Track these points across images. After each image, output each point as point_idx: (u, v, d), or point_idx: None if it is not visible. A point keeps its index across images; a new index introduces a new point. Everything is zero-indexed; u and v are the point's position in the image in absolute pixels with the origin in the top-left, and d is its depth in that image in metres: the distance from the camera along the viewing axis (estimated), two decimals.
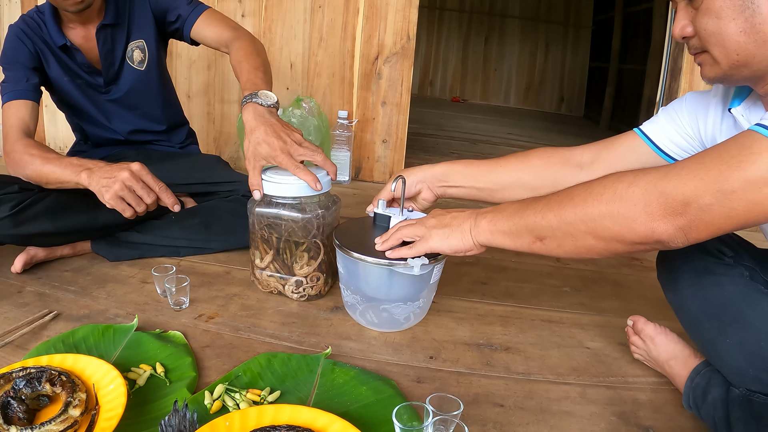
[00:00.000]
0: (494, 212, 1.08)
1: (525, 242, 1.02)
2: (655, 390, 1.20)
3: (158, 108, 1.94)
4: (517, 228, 1.02)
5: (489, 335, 1.37)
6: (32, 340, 1.20)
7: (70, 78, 1.73)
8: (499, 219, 1.06)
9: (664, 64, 2.77)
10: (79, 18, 1.67)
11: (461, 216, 1.14)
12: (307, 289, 1.46)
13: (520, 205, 1.03)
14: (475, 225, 1.10)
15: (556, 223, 0.94)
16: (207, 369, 1.14)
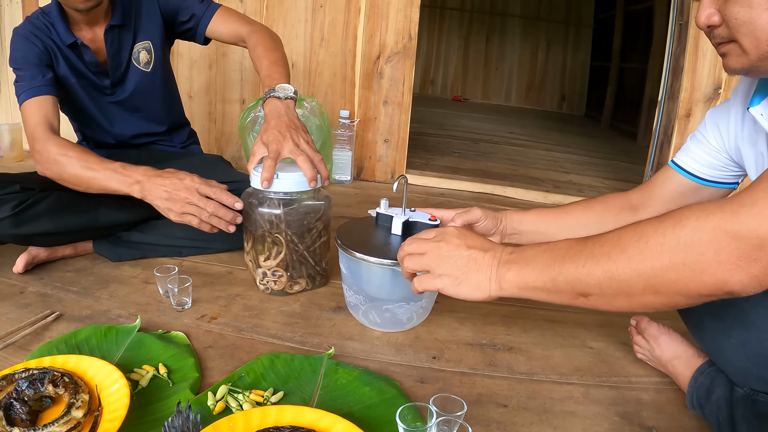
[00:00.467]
0: (522, 262, 0.92)
1: (563, 299, 0.88)
2: (658, 390, 1.19)
3: (161, 109, 1.93)
4: (554, 284, 0.87)
5: (492, 335, 1.37)
6: (34, 341, 1.20)
7: (77, 78, 1.72)
8: (529, 272, 0.91)
9: (666, 62, 2.76)
10: (86, 18, 1.66)
11: (481, 259, 0.97)
12: (269, 283, 1.49)
13: (553, 252, 0.88)
14: (498, 275, 0.94)
15: (605, 279, 0.81)
16: (210, 370, 1.14)
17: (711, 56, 2.54)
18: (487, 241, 1.00)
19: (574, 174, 3.50)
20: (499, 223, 1.33)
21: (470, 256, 0.98)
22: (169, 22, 1.83)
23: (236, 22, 1.83)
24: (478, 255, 0.97)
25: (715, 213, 0.73)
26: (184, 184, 1.44)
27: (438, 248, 1.01)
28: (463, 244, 0.99)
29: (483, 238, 1.01)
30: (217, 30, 1.83)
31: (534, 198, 2.82)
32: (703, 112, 2.56)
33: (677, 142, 2.63)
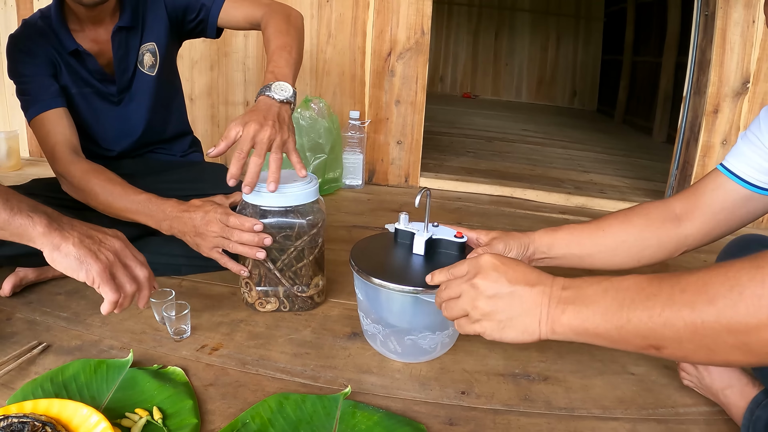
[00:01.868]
0: (580, 302, 0.78)
1: (629, 347, 0.74)
2: (708, 421, 1.07)
3: (164, 117, 1.82)
4: (621, 333, 0.72)
5: (525, 363, 1.23)
6: (19, 377, 1.09)
7: (79, 87, 1.61)
8: (589, 315, 0.76)
9: (691, 56, 2.62)
10: (91, 18, 1.54)
11: (528, 297, 0.83)
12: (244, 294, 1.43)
13: (619, 293, 0.74)
14: (551, 317, 0.81)
15: (686, 332, 0.66)
16: (210, 413, 1.01)
17: (739, 49, 2.41)
18: (532, 272, 0.86)
19: (594, 173, 3.37)
20: (525, 250, 1.20)
21: (514, 293, 0.84)
22: (177, 21, 1.70)
23: (250, 4, 1.66)
24: (523, 292, 0.83)
25: None
26: (208, 217, 1.34)
27: (474, 288, 0.87)
28: (504, 278, 0.85)
29: (527, 268, 0.87)
30: (229, 16, 1.68)
31: (556, 201, 2.69)
32: (732, 107, 2.44)
33: (704, 140, 2.50)
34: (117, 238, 1.08)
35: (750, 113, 2.45)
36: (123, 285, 1.04)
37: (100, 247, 1.03)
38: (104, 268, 1.01)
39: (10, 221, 0.98)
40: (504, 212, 2.45)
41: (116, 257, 1.05)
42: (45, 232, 0.99)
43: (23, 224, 0.99)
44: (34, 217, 1.00)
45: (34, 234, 0.99)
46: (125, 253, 1.07)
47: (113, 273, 1.03)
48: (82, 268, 1.00)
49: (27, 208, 1.00)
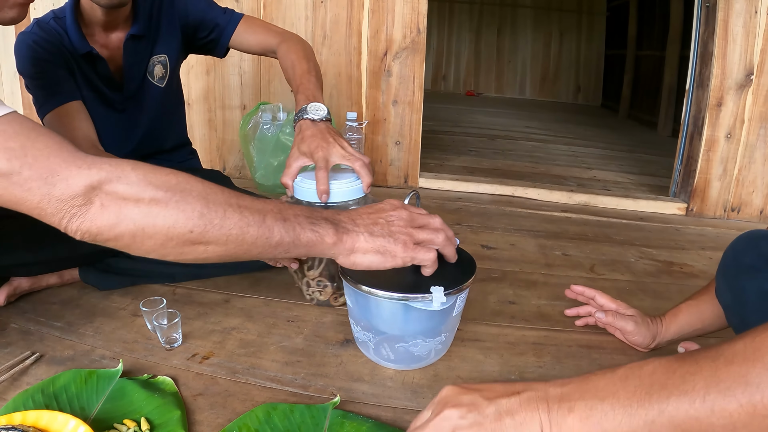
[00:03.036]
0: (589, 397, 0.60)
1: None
2: None
3: (168, 128, 1.83)
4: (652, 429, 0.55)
5: (522, 368, 1.21)
6: (11, 388, 1.07)
7: (88, 91, 1.59)
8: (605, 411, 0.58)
9: (693, 48, 2.59)
10: (105, 23, 1.54)
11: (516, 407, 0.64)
12: (315, 293, 1.44)
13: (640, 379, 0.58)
14: (554, 425, 0.61)
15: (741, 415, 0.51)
16: (198, 424, 0.99)
17: (741, 40, 2.38)
18: (508, 383, 0.68)
19: (597, 169, 3.35)
20: (651, 341, 1.25)
21: (498, 409, 0.65)
22: (189, 36, 1.73)
23: (264, 31, 1.73)
24: (510, 404, 0.65)
25: None
26: None
27: (445, 421, 0.67)
28: (478, 397, 0.67)
29: (499, 383, 0.70)
30: (242, 39, 1.73)
31: (558, 199, 2.66)
32: (735, 100, 2.42)
33: (708, 134, 2.47)
34: (398, 208, 1.04)
35: (754, 105, 2.42)
36: (433, 240, 1.03)
37: (390, 228, 1.00)
38: (406, 245, 0.99)
39: (296, 242, 0.94)
40: (505, 212, 2.43)
41: (409, 225, 1.02)
42: (335, 242, 0.97)
43: (311, 240, 0.96)
44: (318, 230, 0.96)
45: (323, 247, 0.97)
46: (413, 216, 1.04)
47: (417, 241, 1.01)
48: (387, 259, 0.99)
49: (306, 221, 0.96)
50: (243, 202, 0.91)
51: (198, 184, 0.89)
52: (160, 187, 0.85)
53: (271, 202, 0.95)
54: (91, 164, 0.83)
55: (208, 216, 0.87)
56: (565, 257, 1.88)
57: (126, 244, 0.87)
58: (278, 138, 2.35)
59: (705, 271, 1.83)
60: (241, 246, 0.91)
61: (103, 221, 0.83)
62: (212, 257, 0.92)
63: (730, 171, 2.50)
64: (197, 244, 0.88)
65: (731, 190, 2.52)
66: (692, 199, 2.55)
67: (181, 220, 0.85)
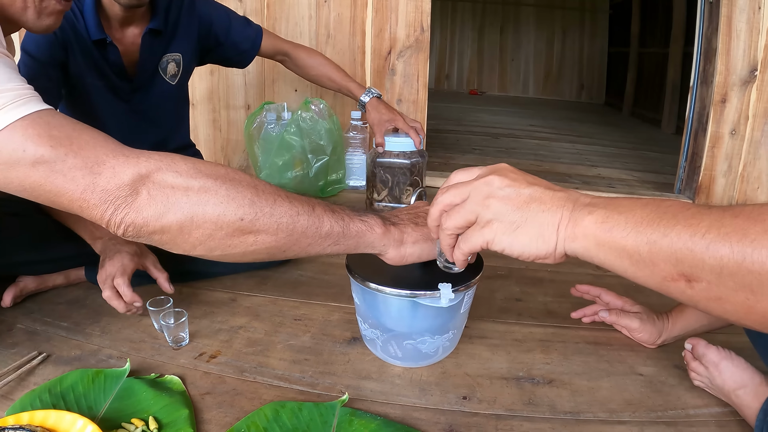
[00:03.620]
0: (611, 208, 0.66)
1: (657, 275, 0.62)
2: (720, 423, 1.03)
3: (173, 127, 1.85)
4: (652, 250, 0.61)
5: (529, 365, 1.20)
6: (18, 388, 1.07)
7: (94, 78, 1.60)
8: (620, 222, 0.65)
9: (697, 45, 2.58)
10: (125, 16, 1.56)
11: (548, 199, 0.72)
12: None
13: (660, 208, 0.63)
14: (573, 220, 0.69)
15: (731, 262, 0.55)
16: (206, 423, 0.99)
17: (745, 36, 2.37)
18: (555, 185, 0.75)
19: (602, 167, 3.34)
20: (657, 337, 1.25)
21: (532, 194, 0.72)
22: (207, 47, 1.83)
23: (277, 39, 2.06)
24: (544, 194, 0.72)
25: None
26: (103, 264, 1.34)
27: (486, 185, 0.75)
28: (523, 179, 0.75)
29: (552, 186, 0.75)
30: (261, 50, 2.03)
31: None
32: (740, 96, 2.41)
33: (713, 130, 2.46)
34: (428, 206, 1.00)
35: (759, 102, 2.41)
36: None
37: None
38: None
39: (346, 232, 0.93)
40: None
41: None
42: (384, 232, 0.96)
43: (360, 230, 0.94)
44: (367, 220, 0.95)
45: (373, 238, 0.95)
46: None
47: None
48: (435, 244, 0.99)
49: (353, 213, 0.96)
50: (291, 194, 0.90)
51: (246, 176, 0.88)
52: (210, 176, 0.84)
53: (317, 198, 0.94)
54: (139, 155, 0.82)
55: (259, 204, 0.85)
56: None
57: (172, 236, 0.84)
58: (283, 137, 2.35)
59: None
60: (291, 235, 0.88)
61: (150, 212, 0.81)
62: (261, 249, 0.88)
63: (735, 167, 2.49)
64: (247, 233, 0.85)
65: (736, 187, 2.51)
66: (697, 196, 2.54)
67: (232, 208, 0.83)
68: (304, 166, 2.39)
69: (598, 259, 0.67)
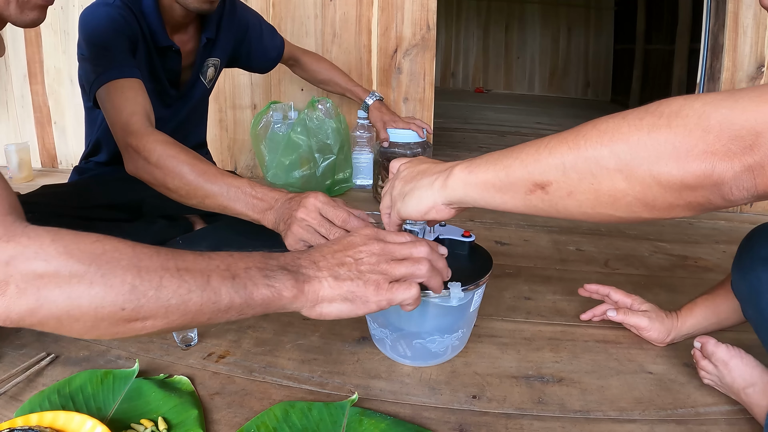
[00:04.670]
0: (475, 161, 0.81)
1: (519, 193, 0.73)
2: (730, 422, 1.03)
3: (193, 128, 1.87)
4: (508, 174, 0.74)
5: (538, 364, 1.20)
6: (27, 389, 1.07)
7: (148, 81, 1.56)
8: (480, 164, 0.78)
9: (704, 41, 2.57)
10: (180, 23, 1.57)
11: (430, 170, 0.90)
12: None
13: (513, 148, 0.76)
14: (444, 175, 0.84)
15: (569, 157, 0.67)
16: (216, 423, 0.99)
17: (752, 32, 2.36)
18: (444, 163, 0.92)
19: None
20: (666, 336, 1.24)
21: (420, 170, 0.93)
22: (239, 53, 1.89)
23: (290, 45, 2.17)
24: (429, 167, 0.92)
25: (709, 94, 0.60)
26: (303, 203, 1.16)
27: (397, 174, 0.98)
28: (420, 162, 0.96)
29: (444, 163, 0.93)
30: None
31: None
32: None
33: None
34: (370, 240, 0.89)
35: None
36: (414, 274, 0.87)
37: (359, 268, 0.85)
38: (379, 287, 0.84)
39: (249, 303, 0.79)
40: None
41: (382, 259, 0.87)
42: (295, 295, 0.81)
43: (266, 298, 0.80)
44: (274, 284, 0.80)
45: (283, 303, 0.81)
46: (389, 248, 0.89)
47: (394, 278, 0.86)
48: (357, 306, 0.83)
49: (259, 274, 0.80)
50: (183, 263, 0.76)
51: (128, 249, 0.74)
52: (83, 260, 0.70)
53: (220, 256, 0.81)
54: (9, 237, 0.69)
55: (141, 288, 0.72)
56: (579, 252, 1.87)
57: (53, 328, 0.72)
58: (289, 137, 2.35)
59: (719, 264, 1.82)
60: (185, 316, 0.75)
61: (22, 307, 0.68)
62: (155, 332, 0.76)
63: None
64: (133, 321, 0.73)
65: None
66: None
67: (110, 297, 0.70)
68: (311, 166, 2.39)
69: (470, 198, 0.81)
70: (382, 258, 0.86)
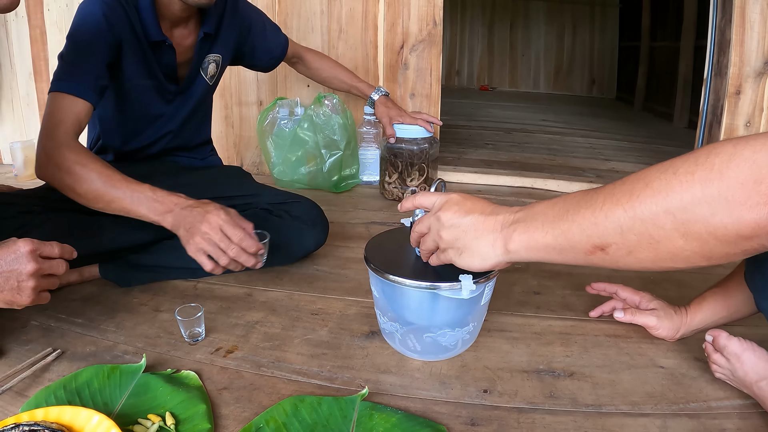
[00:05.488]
0: (529, 219, 0.84)
1: (579, 254, 0.77)
2: (742, 416, 1.01)
3: (198, 125, 1.85)
4: (567, 237, 0.77)
5: (549, 358, 1.19)
6: (33, 384, 1.06)
7: (142, 79, 1.58)
8: (537, 227, 0.82)
9: (710, 36, 2.55)
10: (178, 18, 1.55)
11: (482, 224, 0.90)
12: None
13: (566, 203, 0.79)
14: (503, 238, 0.87)
15: (626, 220, 0.69)
16: (224, 418, 0.98)
17: (759, 27, 2.34)
18: (489, 205, 0.94)
19: (616, 161, 3.31)
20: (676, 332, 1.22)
21: (470, 223, 0.92)
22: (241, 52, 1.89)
23: (293, 43, 2.15)
24: (478, 220, 0.91)
25: (758, 139, 0.60)
26: (206, 218, 1.26)
27: (437, 221, 0.96)
28: (462, 210, 0.93)
29: (486, 202, 0.95)
30: None
31: (578, 189, 2.61)
32: (754, 88, 2.37)
33: (727, 122, 2.43)
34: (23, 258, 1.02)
35: None
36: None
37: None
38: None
39: None
40: (525, 203, 2.39)
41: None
42: None
43: None
44: None
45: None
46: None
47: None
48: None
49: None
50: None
51: None
52: None
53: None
54: None
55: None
56: None
57: None
58: (296, 133, 2.34)
59: None
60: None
61: None
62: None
63: None
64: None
65: None
66: None
67: None
68: (317, 162, 2.38)
69: (532, 259, 0.85)
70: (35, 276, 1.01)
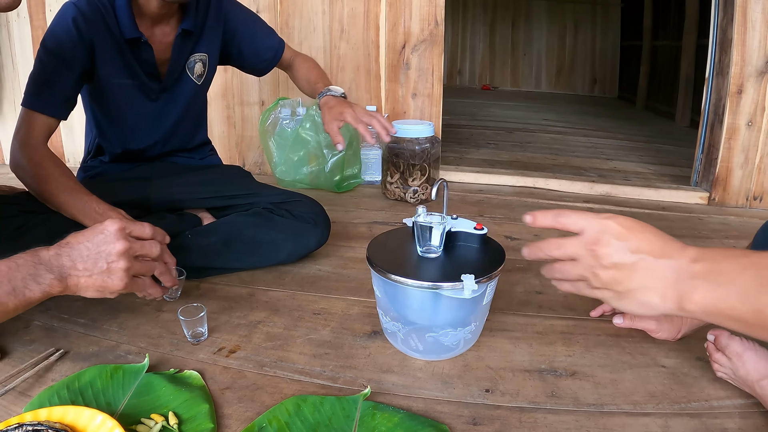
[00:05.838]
0: (713, 280, 0.70)
1: (765, 334, 0.68)
2: (744, 415, 1.02)
3: (193, 126, 1.84)
4: (759, 317, 0.66)
5: (551, 357, 1.19)
6: (36, 384, 1.06)
7: (123, 78, 1.58)
8: (723, 295, 0.69)
9: (712, 36, 2.55)
10: (157, 16, 1.54)
11: (653, 269, 0.75)
12: (419, 195, 2.32)
13: (758, 270, 0.68)
14: (679, 294, 0.72)
15: None
16: (227, 418, 0.98)
17: (761, 26, 2.33)
18: (659, 238, 0.77)
19: (617, 160, 3.31)
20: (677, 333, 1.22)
21: (637, 264, 0.75)
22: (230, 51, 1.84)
23: (291, 50, 2.00)
24: (647, 264, 0.75)
25: None
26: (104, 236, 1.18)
27: (593, 257, 0.78)
28: (627, 247, 0.76)
29: (654, 234, 0.77)
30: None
31: (580, 189, 2.63)
32: (756, 87, 2.37)
33: (729, 122, 2.43)
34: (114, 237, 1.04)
35: None
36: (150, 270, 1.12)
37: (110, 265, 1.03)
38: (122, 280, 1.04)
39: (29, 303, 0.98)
40: (527, 203, 2.41)
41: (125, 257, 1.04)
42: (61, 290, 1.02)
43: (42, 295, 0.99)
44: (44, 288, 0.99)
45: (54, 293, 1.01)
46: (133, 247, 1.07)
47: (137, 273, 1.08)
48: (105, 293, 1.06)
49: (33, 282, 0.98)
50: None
51: None
52: None
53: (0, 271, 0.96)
54: None
55: None
56: None
57: None
58: (298, 133, 2.34)
59: None
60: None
61: None
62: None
63: (752, 159, 2.46)
64: None
65: (753, 179, 2.48)
66: (714, 188, 2.51)
67: None
68: (319, 161, 2.39)
69: (709, 321, 0.73)
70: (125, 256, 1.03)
